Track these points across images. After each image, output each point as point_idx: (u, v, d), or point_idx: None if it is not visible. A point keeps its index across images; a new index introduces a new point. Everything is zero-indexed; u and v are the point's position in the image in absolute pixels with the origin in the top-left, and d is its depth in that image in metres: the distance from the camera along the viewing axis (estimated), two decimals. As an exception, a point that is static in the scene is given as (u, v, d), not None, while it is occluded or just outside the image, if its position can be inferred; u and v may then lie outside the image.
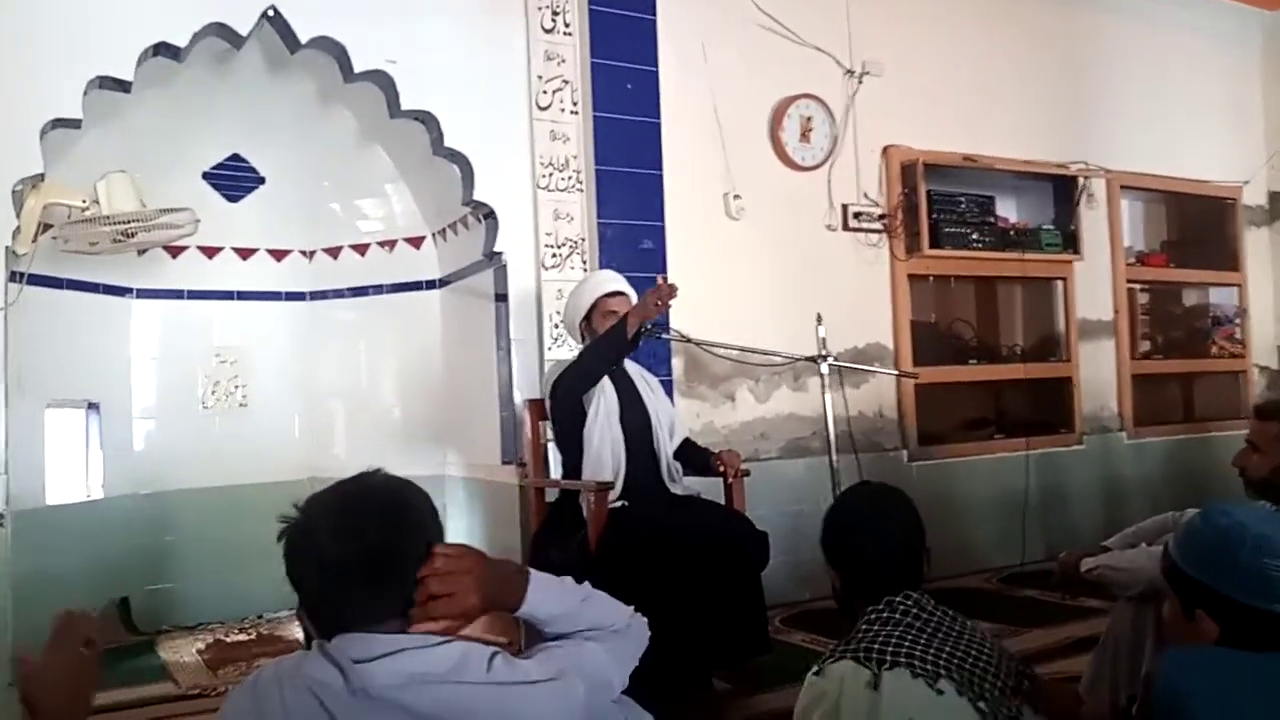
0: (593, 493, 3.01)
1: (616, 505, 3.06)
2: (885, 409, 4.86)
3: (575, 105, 4.10)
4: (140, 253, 4.26)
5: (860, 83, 4.75)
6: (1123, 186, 5.70)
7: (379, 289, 4.73)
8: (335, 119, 4.31)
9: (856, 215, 4.77)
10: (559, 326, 3.89)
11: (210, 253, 4.58)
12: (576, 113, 4.10)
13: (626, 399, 3.26)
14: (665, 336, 3.75)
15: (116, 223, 3.61)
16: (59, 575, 3.69)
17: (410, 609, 1.32)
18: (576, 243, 4.08)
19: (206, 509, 4.40)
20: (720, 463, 3.27)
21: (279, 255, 4.75)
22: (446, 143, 3.91)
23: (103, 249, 3.76)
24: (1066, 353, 5.48)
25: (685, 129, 4.29)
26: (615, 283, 3.34)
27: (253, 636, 4.18)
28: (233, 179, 4.55)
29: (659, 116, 4.19)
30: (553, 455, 3.52)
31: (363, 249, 4.74)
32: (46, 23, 3.34)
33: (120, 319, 4.41)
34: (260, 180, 4.61)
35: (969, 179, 5.14)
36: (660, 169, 4.19)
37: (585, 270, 4.01)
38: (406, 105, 3.86)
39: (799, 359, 3.79)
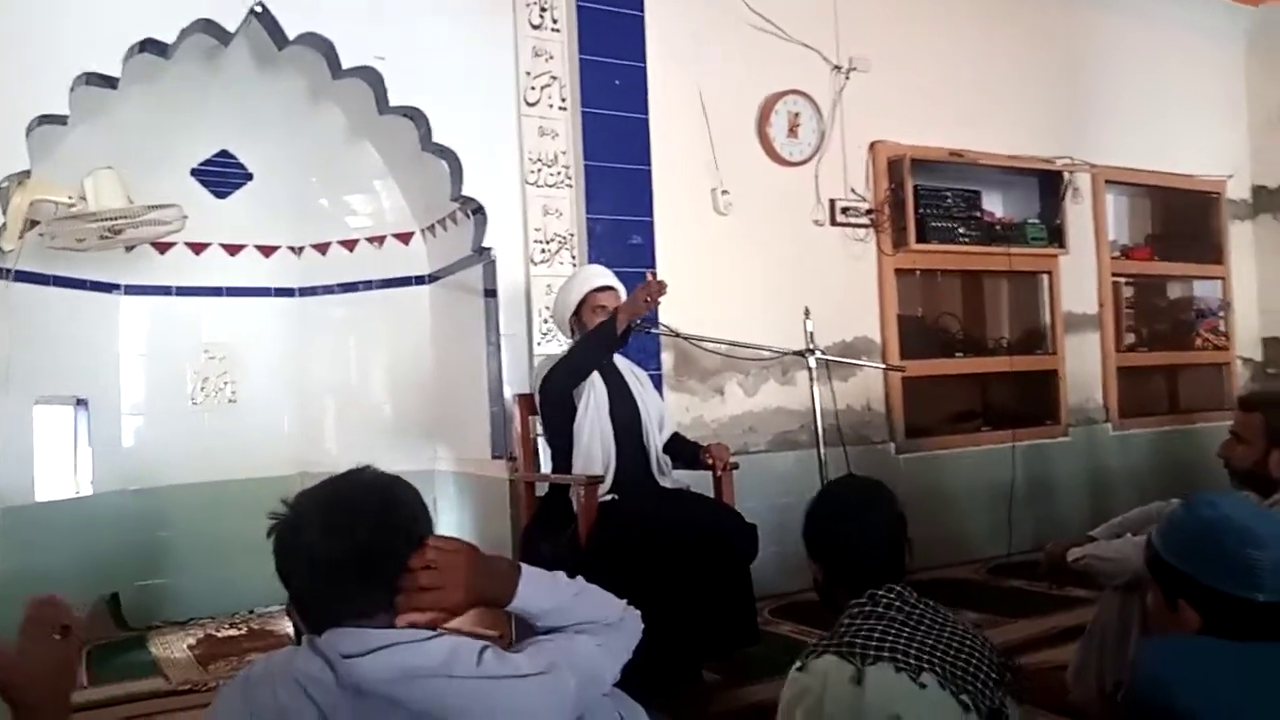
0: (583, 486, 3.02)
1: (606, 499, 3.08)
2: (873, 402, 4.89)
3: (564, 101, 4.10)
4: (128, 249, 4.25)
5: (847, 78, 4.77)
6: (1108, 181, 5.74)
7: (368, 285, 4.73)
8: (324, 115, 4.30)
9: (844, 210, 4.79)
10: (548, 322, 3.89)
11: (198, 249, 4.57)
12: (565, 108, 4.11)
13: (616, 393, 3.27)
14: (654, 331, 3.77)
15: (103, 219, 3.60)
16: (48, 572, 3.69)
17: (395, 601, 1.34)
18: (565, 238, 4.09)
19: (196, 505, 4.40)
20: (709, 456, 3.29)
21: (267, 251, 4.75)
22: (435, 138, 3.91)
23: (90, 245, 3.75)
24: (1052, 345, 5.52)
25: (673, 125, 4.30)
26: (604, 277, 3.35)
27: (243, 631, 4.18)
28: (221, 175, 4.54)
29: (647, 112, 4.20)
30: (543, 450, 3.53)
31: (351, 245, 4.74)
32: (32, 19, 3.32)
33: (108, 315, 4.40)
34: (248, 176, 4.60)
35: (955, 174, 5.16)
36: (649, 164, 4.20)
37: (574, 265, 4.02)
38: (395, 101, 3.86)
39: (787, 353, 3.81)
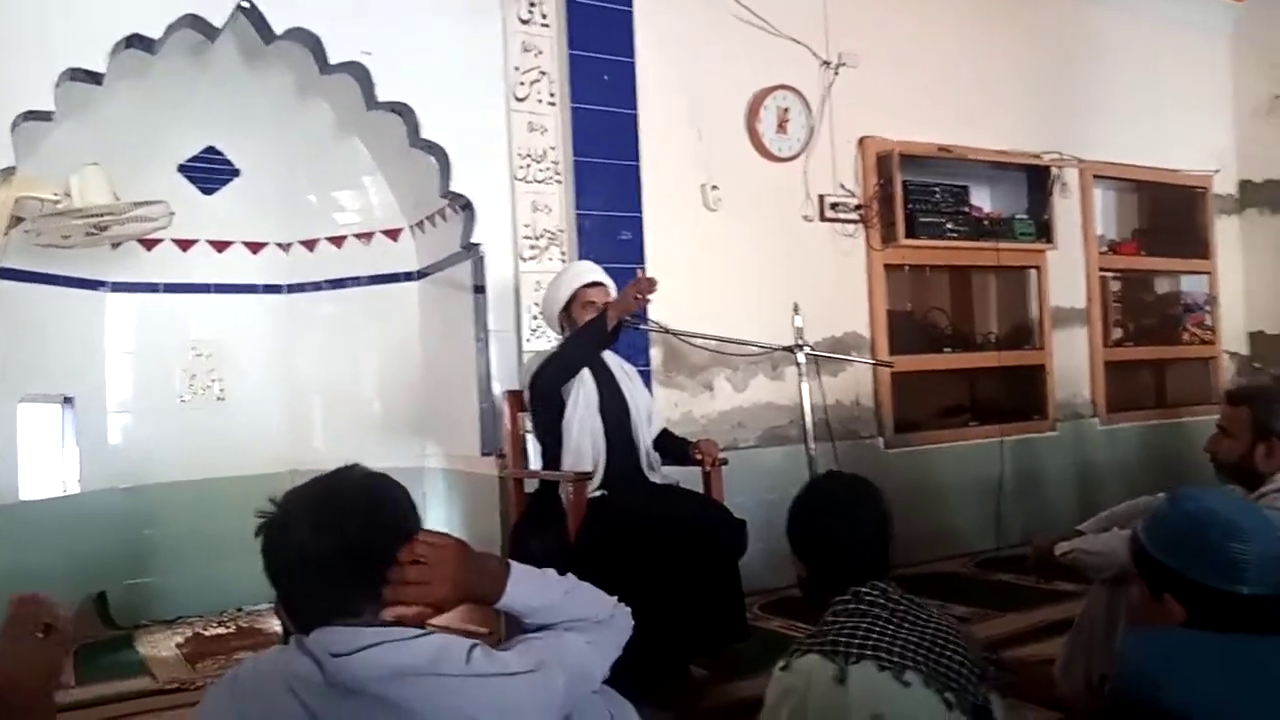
0: (572, 483, 3.03)
1: (596, 495, 3.08)
2: (862, 397, 4.90)
3: (553, 97, 4.10)
4: (114, 246, 4.22)
5: (836, 74, 4.77)
6: (1095, 176, 5.76)
7: (357, 281, 4.71)
8: (311, 111, 4.28)
9: (833, 206, 4.80)
10: (537, 318, 3.89)
11: (185, 245, 4.55)
12: (554, 104, 4.10)
13: (606, 389, 3.27)
14: (643, 327, 3.77)
15: (89, 216, 3.58)
16: (35, 571, 3.66)
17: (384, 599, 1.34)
18: (555, 234, 4.09)
19: (185, 503, 4.38)
20: (698, 452, 3.30)
21: (255, 248, 4.72)
22: (423, 134, 3.90)
23: (76, 242, 3.73)
24: (1040, 340, 5.54)
25: (663, 120, 4.30)
26: (594, 273, 3.35)
27: (232, 630, 4.17)
28: (208, 171, 4.52)
29: (636, 108, 4.20)
30: (532, 446, 3.53)
31: (340, 241, 4.72)
32: (16, 14, 3.29)
33: (94, 313, 4.38)
34: (235, 172, 4.59)
35: (944, 169, 5.17)
36: (638, 160, 4.19)
37: (564, 262, 4.01)
38: (383, 97, 3.84)
39: (776, 348, 3.82)
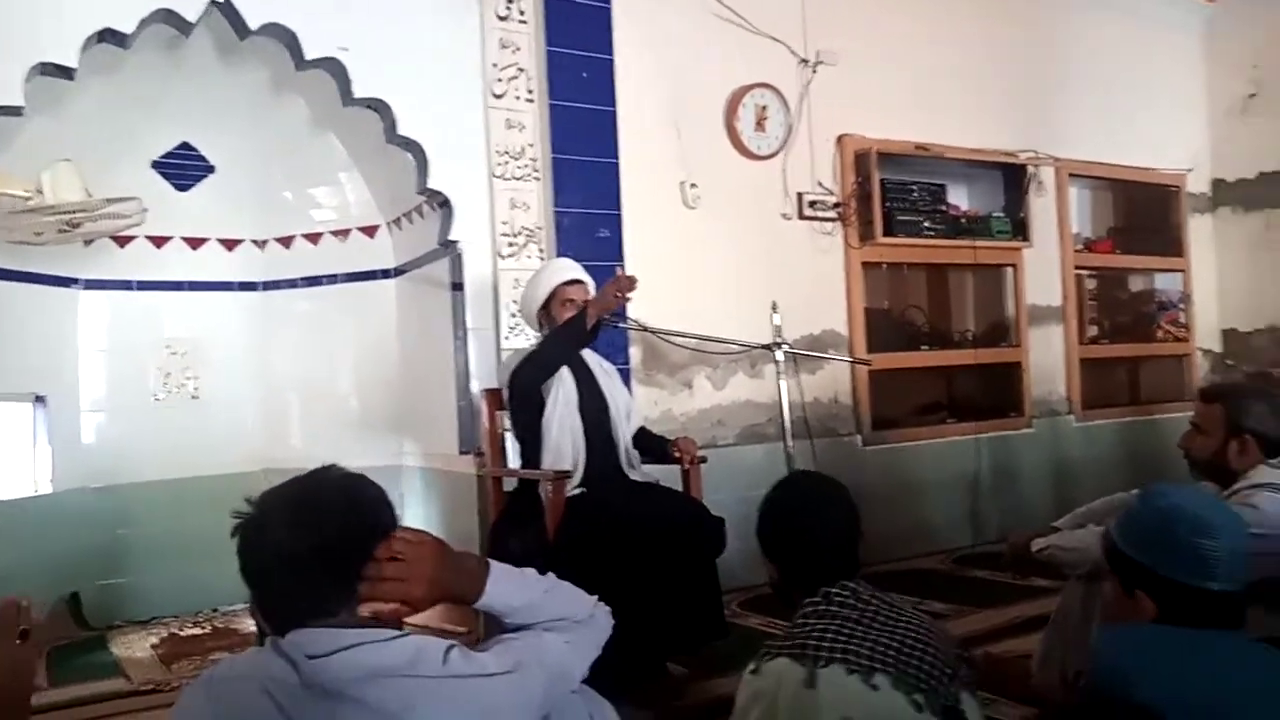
0: (551, 481, 3.02)
1: (575, 493, 3.08)
2: (840, 395, 4.92)
3: (531, 93, 4.08)
4: (87, 243, 4.18)
5: (815, 72, 4.78)
6: (1071, 174, 5.80)
7: (333, 278, 4.69)
8: (287, 107, 4.25)
9: (811, 204, 4.81)
10: (516, 316, 3.88)
11: (159, 242, 4.51)
12: (532, 101, 4.09)
13: (585, 387, 3.27)
14: (623, 326, 3.76)
15: (61, 213, 3.55)
16: (5, 572, 3.62)
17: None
18: (533, 231, 4.08)
19: (159, 502, 4.35)
20: (677, 450, 3.31)
21: (230, 245, 4.69)
22: (400, 131, 3.88)
23: (48, 239, 3.70)
24: (1016, 338, 5.58)
25: (641, 118, 4.29)
26: (573, 271, 3.34)
27: (207, 630, 4.14)
28: (182, 167, 4.49)
29: (615, 105, 4.19)
30: (510, 445, 3.52)
31: (316, 238, 4.69)
32: (-14, 7, 3.26)
33: (67, 310, 4.34)
34: (210, 169, 4.55)
35: (921, 168, 5.19)
36: (616, 158, 4.19)
37: (542, 259, 4.00)
38: (359, 93, 3.81)
39: (755, 346, 3.83)
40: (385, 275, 4.65)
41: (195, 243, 4.61)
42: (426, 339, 4.40)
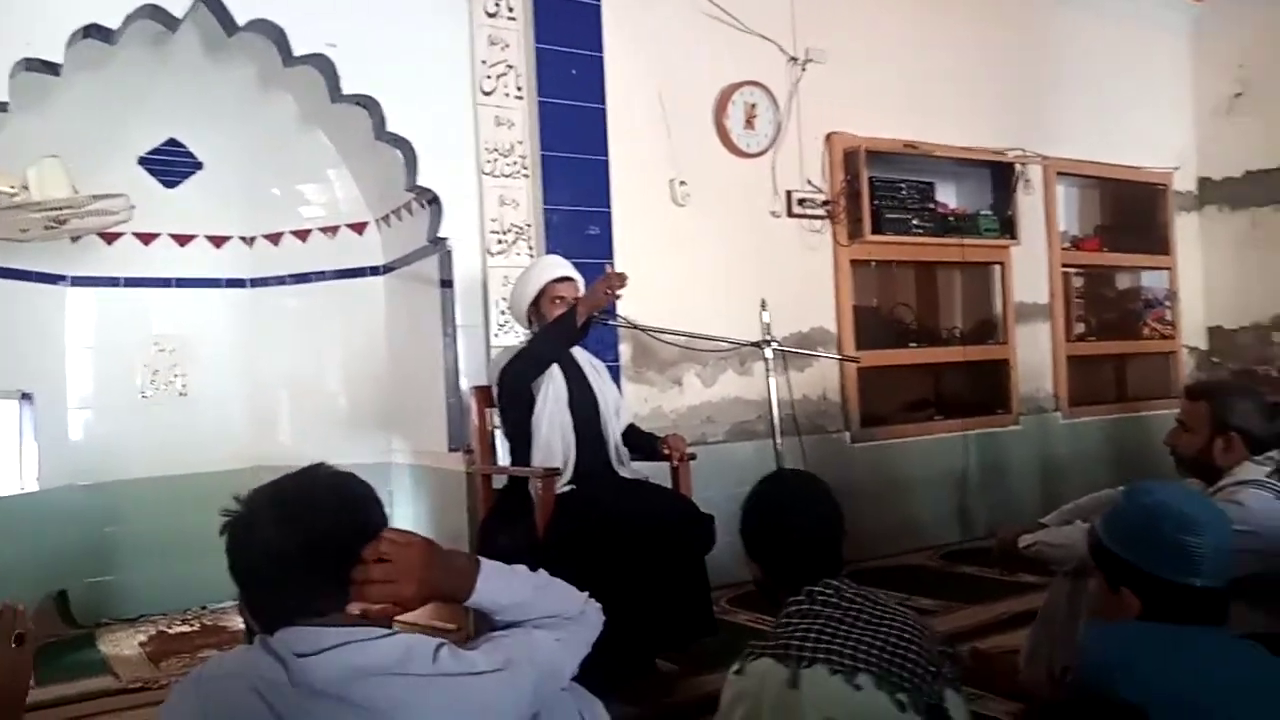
0: (540, 478, 3.02)
1: (565, 490, 3.08)
2: (829, 392, 4.93)
3: (520, 90, 4.08)
4: (74, 239, 4.16)
5: (804, 70, 4.79)
6: (1058, 173, 5.83)
7: (322, 275, 4.67)
8: (275, 103, 4.24)
9: (800, 201, 4.82)
10: (505, 313, 3.88)
11: (147, 239, 4.49)
12: (521, 98, 4.08)
13: (575, 384, 3.26)
14: (612, 323, 3.76)
15: (47, 209, 3.53)
16: (-7, 570, 3.62)
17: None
18: (523, 229, 4.07)
19: (147, 499, 4.33)
20: (666, 447, 3.31)
21: (218, 241, 4.67)
22: (389, 128, 3.87)
23: (34, 236, 3.68)
24: (1004, 335, 5.60)
25: (631, 115, 4.29)
26: (563, 268, 3.34)
27: (196, 628, 4.13)
28: (170, 164, 4.47)
29: (605, 102, 4.19)
30: (500, 442, 3.52)
31: (304, 235, 4.68)
32: (-29, 3, 3.23)
33: (54, 307, 4.31)
34: (198, 165, 4.53)
35: (910, 166, 5.21)
36: (606, 155, 4.18)
37: (531, 256, 4.00)
38: (348, 90, 3.81)
39: (744, 344, 3.83)
40: (374, 272, 4.63)
41: (183, 239, 4.58)
42: (415, 336, 4.39)
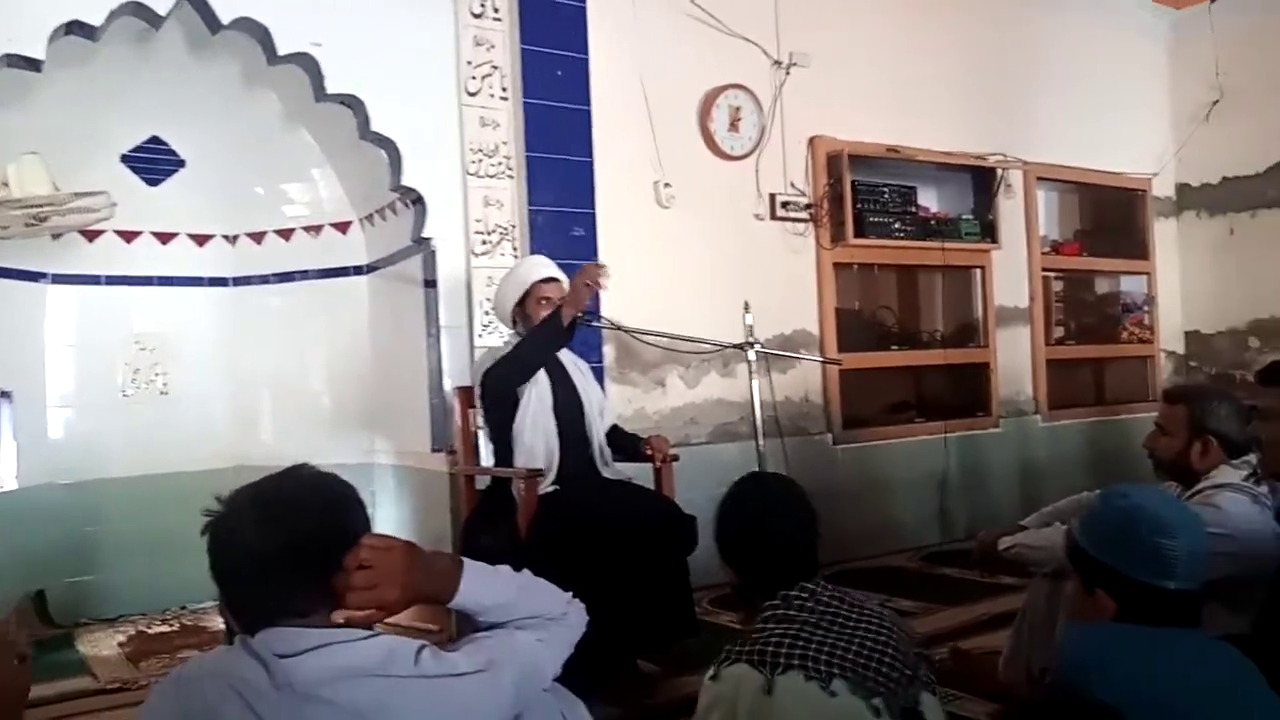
0: (523, 479, 3.02)
1: (548, 490, 3.08)
2: (811, 394, 4.95)
3: (505, 91, 4.08)
4: (55, 237, 4.13)
5: (788, 74, 4.81)
6: (1039, 178, 5.88)
7: (305, 274, 4.66)
8: (259, 101, 4.22)
9: (784, 205, 4.84)
10: (489, 313, 3.88)
11: (129, 237, 4.46)
12: (506, 99, 4.08)
13: (559, 385, 3.27)
14: (596, 324, 3.77)
15: (28, 206, 3.50)
16: (-29, 569, 3.59)
17: (334, 601, 1.33)
18: (507, 229, 4.07)
19: (128, 499, 4.31)
20: (649, 448, 3.31)
21: (201, 240, 4.65)
22: (374, 127, 3.86)
23: (14, 233, 3.66)
24: (984, 339, 5.64)
25: (616, 117, 4.30)
26: (548, 268, 3.33)
27: (175, 628, 4.11)
28: (152, 162, 4.44)
29: (589, 104, 4.19)
30: (483, 443, 3.52)
31: (288, 234, 4.66)
32: (-49, -2, 3.21)
33: (34, 305, 4.28)
34: (181, 163, 4.51)
35: (892, 170, 5.24)
36: (591, 156, 4.19)
37: (516, 257, 4.00)
38: (332, 89, 3.80)
39: (727, 346, 3.84)
40: (358, 272, 4.62)
41: (165, 237, 4.56)
42: (399, 336, 4.38)
